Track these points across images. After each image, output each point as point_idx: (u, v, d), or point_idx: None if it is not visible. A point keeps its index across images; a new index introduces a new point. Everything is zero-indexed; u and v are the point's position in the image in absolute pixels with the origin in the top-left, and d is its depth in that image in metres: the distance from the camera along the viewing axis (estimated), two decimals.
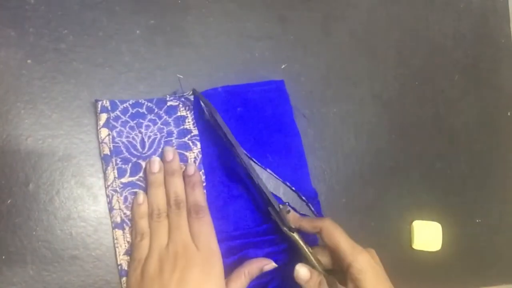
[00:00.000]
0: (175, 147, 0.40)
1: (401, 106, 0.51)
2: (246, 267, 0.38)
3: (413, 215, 0.50)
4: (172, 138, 0.40)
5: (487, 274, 0.54)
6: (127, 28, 0.40)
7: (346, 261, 0.36)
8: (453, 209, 0.43)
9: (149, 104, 0.40)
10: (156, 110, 0.40)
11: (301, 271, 0.36)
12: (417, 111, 0.53)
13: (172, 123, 0.40)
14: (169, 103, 0.40)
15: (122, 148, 0.38)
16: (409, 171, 0.50)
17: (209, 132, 0.41)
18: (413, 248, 0.49)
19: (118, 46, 0.40)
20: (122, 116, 0.39)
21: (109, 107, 0.39)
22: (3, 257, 0.35)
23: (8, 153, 0.36)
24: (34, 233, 0.36)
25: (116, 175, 0.38)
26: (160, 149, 0.40)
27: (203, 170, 0.41)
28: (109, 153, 0.38)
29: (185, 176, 0.39)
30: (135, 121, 0.39)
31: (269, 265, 0.39)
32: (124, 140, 0.39)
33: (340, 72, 0.49)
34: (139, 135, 0.39)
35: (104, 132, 0.38)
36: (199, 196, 0.38)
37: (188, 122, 0.41)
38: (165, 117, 0.40)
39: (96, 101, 0.38)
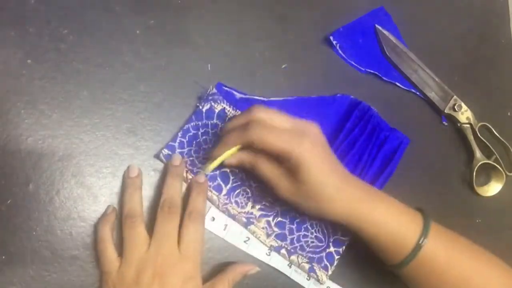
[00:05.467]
0: None
1: (400, 106, 0.51)
2: (230, 274, 0.38)
3: None
4: None
5: None
6: (127, 28, 0.40)
7: (286, 158, 0.34)
8: (453, 208, 0.43)
9: (192, 124, 0.41)
10: (200, 123, 0.41)
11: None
12: (417, 111, 0.53)
13: (218, 122, 0.41)
14: (204, 109, 0.41)
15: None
16: (409, 171, 0.50)
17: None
18: None
19: (118, 46, 0.40)
20: (181, 149, 0.40)
21: (164, 156, 0.40)
22: (3, 257, 0.35)
23: (8, 153, 0.36)
24: (34, 233, 0.35)
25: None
26: None
27: None
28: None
29: (193, 182, 0.39)
30: (194, 144, 0.40)
31: (253, 270, 0.39)
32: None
33: None
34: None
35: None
36: (202, 203, 0.38)
37: (228, 110, 0.42)
38: (210, 122, 0.41)
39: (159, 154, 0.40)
